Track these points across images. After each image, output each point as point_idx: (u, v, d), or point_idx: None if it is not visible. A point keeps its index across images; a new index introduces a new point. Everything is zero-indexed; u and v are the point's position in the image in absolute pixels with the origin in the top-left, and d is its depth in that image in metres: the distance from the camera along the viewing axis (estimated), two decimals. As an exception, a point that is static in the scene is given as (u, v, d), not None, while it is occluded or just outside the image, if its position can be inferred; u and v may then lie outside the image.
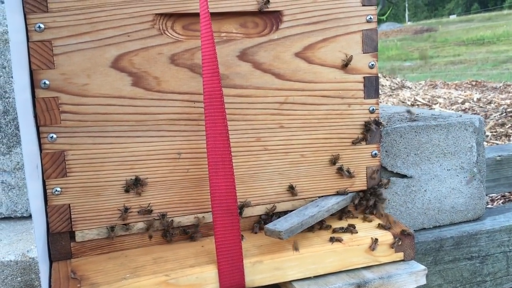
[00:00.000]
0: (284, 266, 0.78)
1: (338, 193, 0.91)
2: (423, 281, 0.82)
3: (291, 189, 0.87)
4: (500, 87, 5.82)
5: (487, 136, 3.11)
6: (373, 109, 0.91)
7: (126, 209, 0.78)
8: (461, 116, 1.10)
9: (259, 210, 0.87)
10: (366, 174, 0.92)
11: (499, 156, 1.70)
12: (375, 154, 0.92)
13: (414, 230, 1.06)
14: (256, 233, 0.86)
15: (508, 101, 4.78)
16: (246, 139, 0.84)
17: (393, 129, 1.00)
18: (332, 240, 0.82)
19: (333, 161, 0.89)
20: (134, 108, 0.78)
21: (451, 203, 1.07)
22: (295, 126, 0.87)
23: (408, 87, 5.89)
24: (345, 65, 0.88)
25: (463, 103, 4.51)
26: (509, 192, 2.12)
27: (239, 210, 0.85)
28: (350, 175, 0.91)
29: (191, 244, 0.82)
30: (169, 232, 0.80)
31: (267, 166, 0.86)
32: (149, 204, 0.80)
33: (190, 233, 0.82)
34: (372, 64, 0.91)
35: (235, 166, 0.84)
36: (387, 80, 6.06)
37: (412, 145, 1.02)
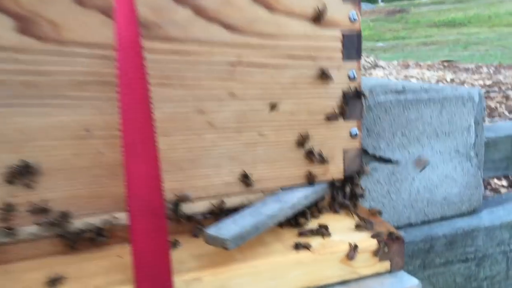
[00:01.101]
0: (232, 284, 0.58)
1: (307, 184, 0.70)
2: (415, 300, 0.63)
3: (245, 178, 0.66)
4: (472, 68, 5.79)
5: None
6: (353, 75, 0.70)
7: (9, 207, 0.56)
8: (456, 89, 0.91)
9: (201, 206, 0.65)
10: (344, 159, 0.72)
11: (485, 137, 1.53)
12: (355, 133, 0.71)
13: (398, 227, 0.87)
14: (197, 237, 0.65)
15: (481, 82, 4.70)
16: (185, 112, 0.62)
17: (377, 103, 0.80)
18: (297, 247, 0.61)
19: (301, 141, 0.68)
20: (21, 64, 0.55)
21: (443, 194, 0.89)
22: (251, 96, 0.65)
23: (382, 66, 5.77)
24: (318, 17, 0.67)
25: (436, 83, 4.38)
26: (496, 177, 1.98)
27: (174, 207, 0.63)
28: (323, 160, 0.70)
29: (105, 255, 0.60)
30: (72, 238, 0.58)
31: (212, 148, 0.65)
32: (44, 199, 0.57)
33: (101, 240, 0.60)
34: (354, 17, 0.69)
35: (169, 148, 0.62)
36: (360, 59, 5.90)
37: (399, 123, 0.82)
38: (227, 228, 0.57)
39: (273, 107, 0.66)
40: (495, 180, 1.99)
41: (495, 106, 3.60)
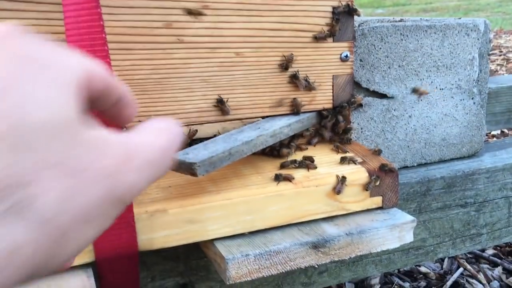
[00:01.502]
0: (202, 217, 0.51)
1: (290, 113, 0.62)
2: (409, 238, 0.57)
3: (221, 104, 0.58)
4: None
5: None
6: (344, -12, 0.61)
7: None
8: (460, 18, 0.82)
9: (170, 135, 0.58)
10: (333, 85, 0.64)
11: (489, 88, 1.45)
12: (346, 56, 0.63)
13: (393, 169, 0.79)
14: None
15: (482, 46, 4.57)
16: (148, 25, 0.54)
17: (371, 29, 0.71)
18: (278, 178, 0.54)
19: (285, 64, 0.60)
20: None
21: (442, 134, 0.81)
22: (227, 8, 0.57)
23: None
24: None
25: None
26: (495, 134, 1.92)
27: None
28: (310, 87, 0.62)
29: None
30: None
31: (183, 68, 0.57)
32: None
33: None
34: None
35: (131, 66, 0.54)
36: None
37: (396, 53, 0.74)
38: (196, 153, 0.50)
39: (252, 22, 0.58)
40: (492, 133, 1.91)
41: (495, 69, 3.51)
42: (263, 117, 0.62)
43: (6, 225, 0.18)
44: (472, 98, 0.82)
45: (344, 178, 0.55)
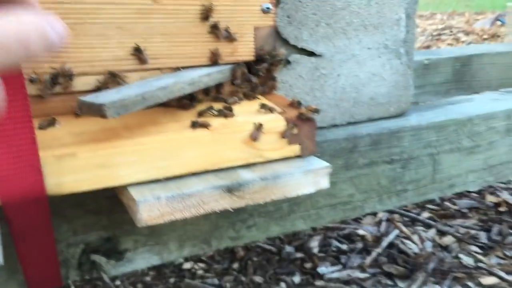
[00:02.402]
0: (115, 162, 0.50)
1: (211, 64, 0.62)
2: (325, 184, 0.58)
3: (138, 52, 0.58)
4: (426, 15, 5.82)
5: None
6: None
7: None
8: (388, -20, 0.84)
9: (86, 83, 0.57)
10: (254, 38, 0.64)
11: (427, 59, 1.49)
12: (268, 8, 0.64)
13: (322, 127, 0.81)
14: (80, 116, 0.57)
15: (434, 27, 4.72)
16: (58, -34, 0.52)
17: (298, -15, 0.72)
18: (194, 125, 0.54)
19: (204, 14, 0.60)
20: None
21: (370, 93, 0.83)
22: (143, -47, 0.56)
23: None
24: None
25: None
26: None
27: (51, 82, 0.54)
28: (230, 38, 0.62)
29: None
30: None
31: (96, 13, 0.55)
32: None
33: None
34: None
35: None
36: None
37: (324, 10, 0.75)
38: (106, 96, 0.49)
39: (169, -31, 0.57)
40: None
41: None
42: (183, 68, 0.61)
43: None
44: (399, 58, 0.84)
45: (260, 125, 0.56)
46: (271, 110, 0.58)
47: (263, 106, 0.59)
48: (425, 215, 1.30)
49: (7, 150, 0.45)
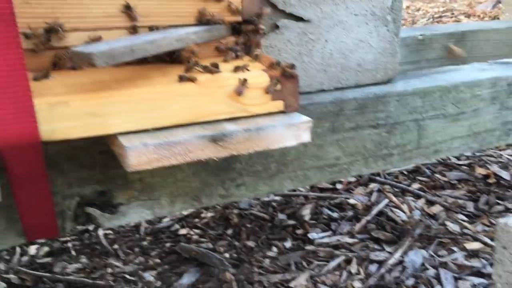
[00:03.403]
0: (105, 111, 0.53)
1: (201, 22, 0.65)
2: (306, 138, 0.61)
3: (128, 9, 0.60)
4: (428, -2, 5.80)
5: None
6: None
7: None
8: None
9: (77, 39, 0.59)
10: (241, -1, 0.67)
11: (421, 35, 1.51)
12: (254, -30, 0.66)
13: (310, 92, 0.84)
14: (75, 69, 0.60)
15: (435, 9, 4.70)
16: None
17: (286, -49, 0.74)
18: (182, 79, 0.57)
19: (193, -26, 0.62)
20: None
21: (358, 59, 0.86)
22: None
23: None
24: None
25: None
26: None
27: (45, 37, 0.57)
28: (218, -2, 0.64)
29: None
30: None
31: (88, -29, 0.58)
32: None
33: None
34: None
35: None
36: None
37: (311, -24, 0.77)
38: (96, 47, 0.52)
39: None
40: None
41: (446, 29, 3.62)
42: (172, 26, 0.64)
43: None
44: (386, 26, 0.86)
45: (245, 80, 0.59)
46: (246, 68, 0.61)
47: (237, 66, 0.61)
48: (415, 186, 1.33)
49: (2, 96, 0.48)
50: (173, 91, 0.56)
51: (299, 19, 0.79)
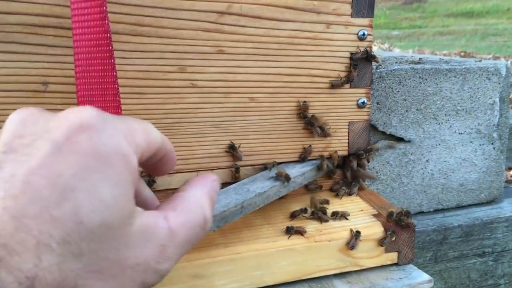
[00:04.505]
0: (210, 272, 0.49)
1: (303, 159, 0.60)
2: (424, 298, 0.54)
3: (232, 150, 0.57)
4: (489, 58, 5.66)
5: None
6: (364, 34, 0.60)
7: None
8: (480, 61, 0.80)
9: (181, 181, 0.56)
10: (349, 132, 0.62)
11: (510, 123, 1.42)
12: (363, 103, 0.62)
13: (408, 215, 0.77)
14: (173, 215, 0.56)
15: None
16: (161, 68, 0.53)
17: (389, 72, 0.70)
18: (289, 231, 0.52)
19: (301, 112, 0.59)
20: (-37, 1, 0.46)
21: (460, 179, 0.79)
22: (242, 53, 0.56)
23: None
24: (324, -36, 0.57)
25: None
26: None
27: (148, 179, 0.54)
28: (324, 133, 0.60)
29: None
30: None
31: (195, 113, 0.55)
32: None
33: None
34: (366, -34, 0.59)
35: (143, 110, 0.53)
36: (374, 45, 5.80)
37: (415, 96, 0.72)
38: (204, 206, 0.48)
39: (268, 67, 0.57)
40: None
41: (513, 97, 3.47)
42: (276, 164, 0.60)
43: None
44: (492, 143, 0.79)
45: (358, 233, 0.53)
46: (344, 216, 0.56)
47: (335, 212, 0.56)
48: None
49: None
50: (281, 247, 0.51)
51: (399, 139, 0.73)
